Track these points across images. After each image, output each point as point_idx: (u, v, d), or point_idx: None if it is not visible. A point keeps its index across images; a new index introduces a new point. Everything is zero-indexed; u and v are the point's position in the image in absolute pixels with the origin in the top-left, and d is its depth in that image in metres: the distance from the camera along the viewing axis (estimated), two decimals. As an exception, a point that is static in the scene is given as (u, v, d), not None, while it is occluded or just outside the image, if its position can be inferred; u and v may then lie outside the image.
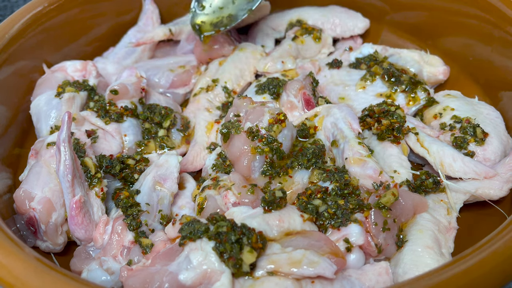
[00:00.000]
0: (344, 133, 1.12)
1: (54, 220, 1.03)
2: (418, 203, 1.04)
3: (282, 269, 0.86)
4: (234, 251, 0.85)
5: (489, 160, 1.14)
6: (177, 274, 0.85)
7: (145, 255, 0.98)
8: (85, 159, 1.08)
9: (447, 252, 0.99)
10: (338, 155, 1.13)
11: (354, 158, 1.07)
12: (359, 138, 1.11)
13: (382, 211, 0.98)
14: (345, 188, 1.03)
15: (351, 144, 1.09)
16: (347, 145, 1.10)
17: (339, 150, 1.12)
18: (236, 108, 1.15)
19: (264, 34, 1.59)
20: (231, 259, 0.85)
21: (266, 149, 1.07)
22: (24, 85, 1.34)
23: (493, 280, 0.78)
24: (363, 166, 1.06)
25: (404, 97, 1.28)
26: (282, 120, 1.09)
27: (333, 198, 1.02)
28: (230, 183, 1.07)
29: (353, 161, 1.07)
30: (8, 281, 0.80)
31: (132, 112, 1.25)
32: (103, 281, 0.96)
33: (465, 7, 1.36)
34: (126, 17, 1.60)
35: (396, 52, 1.40)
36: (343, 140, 1.12)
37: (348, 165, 1.07)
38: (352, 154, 1.08)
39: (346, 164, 1.08)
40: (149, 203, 1.07)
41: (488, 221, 1.09)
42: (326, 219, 1.00)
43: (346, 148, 1.09)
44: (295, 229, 0.97)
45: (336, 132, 1.14)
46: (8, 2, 2.05)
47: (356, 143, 1.09)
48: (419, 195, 1.06)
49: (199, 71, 1.48)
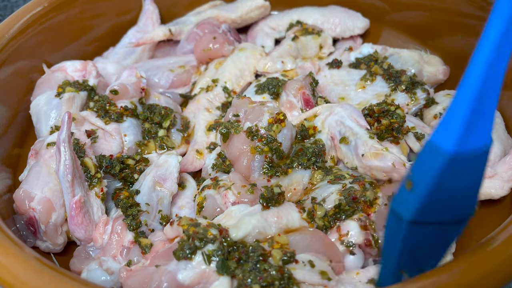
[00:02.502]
0: (354, 130, 1.13)
1: (54, 220, 1.03)
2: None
3: None
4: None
5: (489, 160, 1.14)
6: (175, 274, 0.85)
7: (144, 255, 0.98)
8: (85, 159, 1.08)
9: (449, 252, 0.99)
10: (350, 152, 1.13)
11: (371, 153, 1.07)
12: (370, 133, 1.12)
13: None
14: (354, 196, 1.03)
15: (364, 140, 1.10)
16: (359, 142, 1.10)
17: (350, 147, 1.13)
18: (235, 108, 1.15)
19: (264, 34, 1.59)
20: None
21: (265, 148, 1.07)
22: (24, 85, 1.34)
23: (493, 280, 0.78)
24: (382, 160, 1.06)
25: (404, 97, 1.28)
26: (282, 119, 1.09)
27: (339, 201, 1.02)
28: (230, 183, 1.07)
29: (371, 156, 1.07)
30: (8, 281, 0.80)
31: (132, 112, 1.25)
32: (102, 281, 0.96)
33: (465, 7, 1.36)
34: (126, 17, 1.60)
35: (396, 52, 1.40)
36: (353, 137, 1.12)
37: (366, 160, 1.08)
38: (368, 149, 1.08)
39: (364, 159, 1.08)
40: (148, 203, 1.07)
41: (488, 220, 1.08)
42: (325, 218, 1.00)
43: (360, 144, 1.10)
44: (294, 225, 0.98)
45: (343, 130, 1.15)
46: (8, 2, 2.05)
47: (368, 138, 1.10)
48: None
49: (199, 71, 1.48)
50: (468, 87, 0.64)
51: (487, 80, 0.63)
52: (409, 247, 0.74)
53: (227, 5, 1.61)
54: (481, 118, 0.66)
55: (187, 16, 1.61)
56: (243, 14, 1.57)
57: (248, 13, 1.58)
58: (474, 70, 0.64)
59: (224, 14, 1.56)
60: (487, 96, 0.64)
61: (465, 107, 0.64)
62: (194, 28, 1.52)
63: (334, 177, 1.10)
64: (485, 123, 0.67)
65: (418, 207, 0.70)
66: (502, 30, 0.62)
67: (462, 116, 0.64)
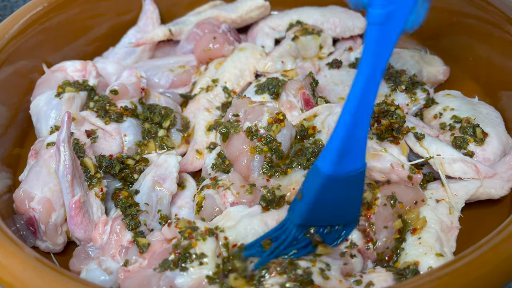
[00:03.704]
0: None
1: (53, 220, 1.03)
2: (414, 195, 1.04)
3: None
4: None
5: (489, 160, 1.14)
6: (173, 278, 0.85)
7: (142, 254, 0.98)
8: (85, 159, 1.08)
9: (449, 252, 0.99)
10: None
11: (370, 153, 1.07)
12: (368, 134, 1.12)
13: None
14: None
15: None
16: None
17: None
18: (235, 108, 1.15)
19: (264, 34, 1.59)
20: None
21: (265, 148, 1.07)
22: (24, 85, 1.34)
23: (493, 279, 0.78)
24: (380, 160, 1.06)
25: (404, 97, 1.28)
26: (281, 119, 1.09)
27: None
28: (229, 183, 1.07)
29: (369, 157, 1.06)
30: (8, 281, 0.80)
31: (132, 112, 1.25)
32: (102, 281, 0.96)
33: (465, 7, 1.36)
34: (126, 17, 1.60)
35: (396, 52, 1.40)
36: None
37: None
38: None
39: None
40: (148, 203, 1.07)
41: (488, 220, 1.09)
42: None
43: None
44: None
45: None
46: (8, 2, 2.05)
47: None
48: (415, 188, 1.06)
49: (199, 71, 1.48)
50: (340, 125, 0.84)
51: (355, 120, 0.83)
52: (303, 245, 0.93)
53: (227, 5, 1.61)
54: (353, 148, 0.86)
55: (187, 16, 1.61)
56: (243, 14, 1.57)
57: (248, 13, 1.58)
58: (343, 116, 0.84)
59: (224, 14, 1.56)
60: (356, 132, 0.84)
61: (337, 141, 0.84)
62: (194, 28, 1.52)
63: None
64: (357, 151, 0.87)
65: (305, 213, 0.90)
66: (363, 88, 0.81)
67: (335, 148, 0.84)
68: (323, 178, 0.86)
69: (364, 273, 0.94)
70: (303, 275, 0.85)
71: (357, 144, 0.86)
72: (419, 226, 1.00)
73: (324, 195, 0.87)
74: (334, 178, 0.86)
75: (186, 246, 0.87)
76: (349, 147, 0.85)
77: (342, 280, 0.88)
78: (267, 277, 0.86)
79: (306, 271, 0.86)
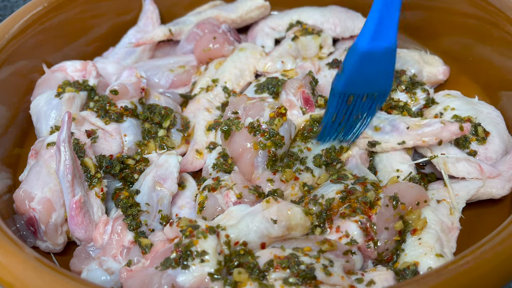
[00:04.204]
0: (382, 117, 1.18)
1: (54, 220, 1.03)
2: (417, 196, 1.04)
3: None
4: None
5: (491, 159, 1.14)
6: (175, 276, 0.85)
7: (144, 255, 0.98)
8: (85, 159, 1.08)
9: (449, 252, 0.99)
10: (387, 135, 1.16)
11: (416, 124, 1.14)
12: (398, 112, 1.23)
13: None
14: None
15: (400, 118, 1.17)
16: (396, 122, 1.16)
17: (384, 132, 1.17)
18: (233, 106, 1.15)
19: (264, 34, 1.59)
20: None
21: (268, 143, 1.07)
22: (24, 85, 1.34)
23: (493, 279, 0.78)
24: (430, 124, 1.11)
25: (404, 97, 1.28)
26: (284, 113, 1.10)
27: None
28: (232, 183, 1.07)
29: (417, 126, 1.13)
30: (8, 281, 0.80)
31: (132, 112, 1.25)
32: (102, 281, 0.96)
33: (465, 7, 1.36)
34: (126, 17, 1.60)
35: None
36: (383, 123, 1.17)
37: (415, 131, 1.13)
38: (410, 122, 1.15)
39: (411, 131, 1.12)
40: (148, 203, 1.07)
41: (488, 220, 1.09)
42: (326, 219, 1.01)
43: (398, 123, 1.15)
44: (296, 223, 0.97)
45: None
46: (8, 2, 2.05)
47: (402, 115, 1.20)
48: (418, 187, 1.06)
49: (199, 71, 1.48)
50: (374, 8, 0.99)
51: (386, 2, 0.98)
52: (341, 114, 1.13)
53: (227, 5, 1.61)
54: (385, 27, 1.01)
55: (187, 16, 1.61)
56: (243, 14, 1.57)
57: (248, 13, 1.58)
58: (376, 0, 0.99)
59: (224, 14, 1.56)
60: (388, 13, 0.99)
61: (372, 19, 1.00)
62: (194, 28, 1.52)
63: (337, 176, 1.10)
64: (388, 31, 1.02)
65: (345, 83, 1.07)
66: None
67: (370, 26, 1.01)
68: (358, 54, 1.03)
69: (366, 272, 0.94)
70: (306, 270, 0.85)
71: (389, 24, 1.01)
72: (420, 226, 1.00)
73: (361, 68, 1.05)
74: (368, 53, 1.03)
75: (187, 244, 0.87)
76: (381, 28, 1.01)
77: (344, 276, 0.88)
78: (271, 271, 0.86)
79: (309, 267, 0.86)
